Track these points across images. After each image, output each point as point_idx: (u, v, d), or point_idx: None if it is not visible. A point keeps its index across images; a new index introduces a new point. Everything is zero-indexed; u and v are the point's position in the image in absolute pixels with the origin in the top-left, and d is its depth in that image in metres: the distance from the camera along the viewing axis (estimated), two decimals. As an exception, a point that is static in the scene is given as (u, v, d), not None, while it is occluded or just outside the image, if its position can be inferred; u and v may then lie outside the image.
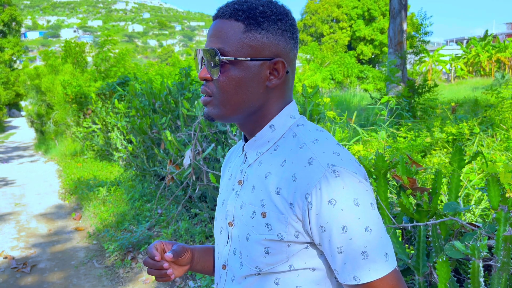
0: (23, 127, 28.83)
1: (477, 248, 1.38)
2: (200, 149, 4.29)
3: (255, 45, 0.89)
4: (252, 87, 0.91)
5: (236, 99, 0.92)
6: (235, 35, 0.89)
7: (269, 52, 0.90)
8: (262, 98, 0.93)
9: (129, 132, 6.99)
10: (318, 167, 0.85)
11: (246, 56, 0.89)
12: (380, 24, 41.13)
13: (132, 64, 15.79)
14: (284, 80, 0.95)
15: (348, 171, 0.85)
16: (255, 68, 0.90)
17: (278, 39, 0.91)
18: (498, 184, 1.49)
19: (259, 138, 0.96)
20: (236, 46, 0.89)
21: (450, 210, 1.61)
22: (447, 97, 11.67)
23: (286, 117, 0.96)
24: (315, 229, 0.85)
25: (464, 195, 2.85)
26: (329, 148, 0.89)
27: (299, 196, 0.86)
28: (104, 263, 4.35)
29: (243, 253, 0.94)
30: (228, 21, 0.90)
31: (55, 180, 9.02)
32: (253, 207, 0.92)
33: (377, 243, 0.83)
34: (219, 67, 0.90)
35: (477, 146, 4.22)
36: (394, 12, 8.95)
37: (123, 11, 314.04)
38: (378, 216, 0.87)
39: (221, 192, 1.09)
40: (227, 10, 0.91)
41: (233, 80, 0.90)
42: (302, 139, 0.92)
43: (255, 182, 0.95)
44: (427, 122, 6.10)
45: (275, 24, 0.91)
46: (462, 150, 1.78)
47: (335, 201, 0.83)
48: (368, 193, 0.86)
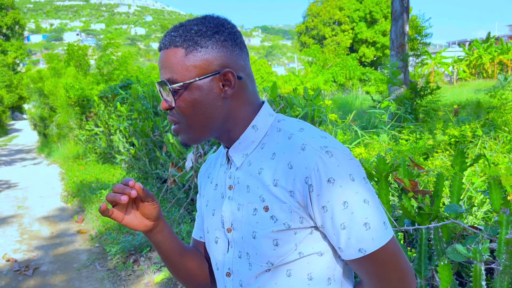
0: (26, 130, 28.92)
1: (479, 251, 1.38)
2: (202, 152, 4.29)
3: (200, 65, 0.92)
4: (210, 104, 0.94)
5: (200, 119, 0.95)
6: (178, 61, 0.93)
7: (215, 66, 0.93)
8: (224, 110, 0.95)
9: (131, 135, 7.00)
10: (312, 150, 0.89)
11: (194, 77, 0.92)
12: (382, 27, 41.11)
13: (134, 67, 15.82)
14: (240, 86, 0.96)
15: (339, 150, 0.90)
16: (206, 86, 0.93)
17: (220, 51, 0.93)
18: (500, 187, 1.49)
19: (244, 140, 0.98)
20: (182, 71, 0.92)
21: (451, 212, 1.61)
22: (449, 99, 11.64)
23: (265, 116, 0.99)
24: (317, 210, 0.89)
25: (466, 198, 2.84)
26: (316, 133, 0.94)
27: (299, 181, 0.89)
28: (106, 265, 4.35)
29: (251, 253, 0.95)
30: (170, 50, 0.94)
31: (57, 183, 9.04)
32: (253, 204, 0.94)
33: (375, 213, 0.88)
34: (172, 96, 0.93)
35: (479, 148, 4.20)
36: (396, 14, 8.95)
37: (125, 14, 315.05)
38: (372, 189, 0.91)
39: (208, 204, 1.08)
40: (166, 40, 0.95)
41: (190, 103, 0.93)
42: (288, 131, 0.96)
43: (248, 181, 0.96)
44: (430, 125, 6.08)
45: (212, 38, 0.93)
46: (464, 153, 1.77)
47: (334, 179, 0.86)
48: (360, 168, 0.91)
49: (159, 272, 3.93)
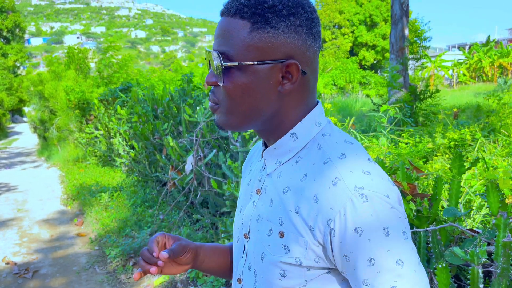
0: (26, 133, 28.95)
1: (476, 254, 1.38)
2: (202, 155, 4.30)
3: (263, 47, 0.79)
4: (262, 94, 0.81)
5: (244, 107, 0.82)
6: (239, 36, 0.79)
7: (280, 53, 0.79)
8: (275, 105, 0.83)
9: (131, 138, 7.02)
10: (343, 189, 0.75)
11: (252, 60, 0.79)
12: (382, 30, 41.23)
13: (134, 70, 15.86)
14: (301, 83, 0.83)
15: (378, 194, 0.75)
16: (264, 73, 0.80)
17: (291, 37, 0.79)
18: (497, 190, 1.50)
19: (279, 147, 0.87)
20: (241, 48, 0.79)
21: (449, 215, 1.62)
22: (449, 103, 11.67)
23: (310, 125, 0.85)
24: (338, 257, 0.77)
25: (465, 201, 2.84)
26: (357, 165, 0.78)
27: (321, 221, 0.77)
28: (106, 269, 4.35)
29: (258, 272, 0.87)
30: (233, 20, 0.80)
31: (57, 185, 9.05)
32: (270, 223, 0.84)
33: (409, 279, 0.73)
34: (223, 73, 0.81)
35: (478, 151, 4.21)
36: (396, 18, 8.98)
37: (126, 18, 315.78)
38: (412, 247, 0.76)
39: (240, 196, 1.00)
40: (233, 6, 0.81)
41: (240, 87, 0.81)
42: (327, 153, 0.81)
43: (273, 195, 0.86)
44: (429, 128, 6.10)
45: (286, 20, 0.79)
46: (462, 156, 1.78)
47: (362, 230, 0.73)
48: (401, 220, 0.76)
49: (159, 276, 3.93)
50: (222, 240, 3.78)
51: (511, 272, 1.48)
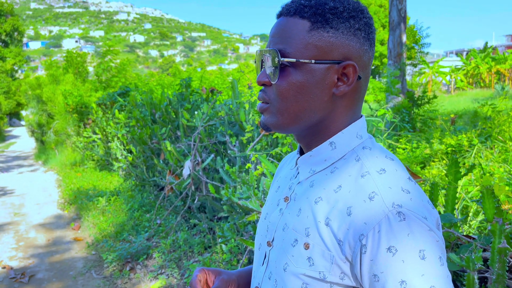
0: (24, 136, 28.90)
1: (472, 260, 1.39)
2: (200, 160, 4.31)
3: (322, 46, 0.78)
4: (316, 94, 0.79)
5: (296, 107, 0.80)
6: (299, 34, 0.78)
7: (338, 54, 0.78)
8: (327, 108, 0.81)
9: (129, 142, 7.02)
10: (380, 205, 0.72)
11: (310, 58, 0.78)
12: (380, 36, 41.42)
13: (133, 74, 15.86)
14: (355, 87, 0.81)
15: (417, 215, 0.71)
16: (320, 72, 0.78)
17: (350, 39, 0.79)
18: (493, 197, 1.51)
19: (316, 155, 0.84)
20: (300, 46, 0.78)
21: (445, 221, 1.62)
22: (447, 109, 11.71)
23: (351, 136, 0.83)
24: (366, 276, 0.72)
25: (462, 207, 2.85)
26: (397, 182, 0.75)
27: (352, 235, 0.73)
28: (103, 273, 4.34)
29: (278, 282, 0.83)
30: (292, 19, 0.79)
31: (54, 190, 9.03)
32: (296, 233, 0.81)
33: None
34: (278, 70, 0.79)
35: (474, 157, 4.23)
36: (394, 24, 9.03)
37: (125, 22, 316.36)
38: (448, 275, 0.71)
39: (267, 203, 0.98)
40: (292, 6, 0.80)
41: (294, 86, 0.79)
42: (366, 166, 0.78)
43: (302, 204, 0.83)
44: (427, 134, 6.12)
45: (346, 22, 0.78)
46: (458, 163, 1.79)
47: (396, 250, 0.69)
48: (438, 245, 0.72)
49: (156, 280, 3.92)
50: (219, 245, 3.78)
51: (507, 278, 1.49)
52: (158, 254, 4.31)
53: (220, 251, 3.82)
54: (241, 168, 3.70)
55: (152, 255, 4.41)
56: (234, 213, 3.52)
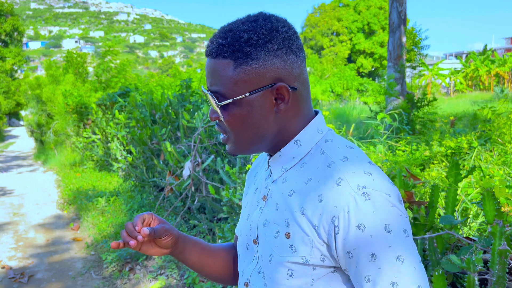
0: (23, 136, 28.88)
1: (472, 262, 1.39)
2: (200, 160, 4.31)
3: (250, 78, 0.84)
4: (261, 119, 0.86)
5: (248, 135, 0.88)
6: (226, 74, 0.85)
7: (267, 80, 0.84)
8: (276, 125, 0.88)
9: (129, 143, 7.02)
10: (346, 188, 0.79)
11: (244, 93, 0.84)
12: (379, 38, 41.47)
13: (133, 75, 15.86)
14: (294, 98, 0.87)
15: (380, 193, 0.79)
16: (257, 101, 0.85)
17: (273, 62, 0.84)
18: (493, 199, 1.51)
19: (284, 154, 0.91)
20: (231, 85, 0.85)
21: (445, 223, 1.63)
22: (446, 111, 11.73)
23: (312, 132, 0.90)
24: (341, 254, 0.80)
25: (462, 209, 2.86)
26: (359, 167, 0.83)
27: (325, 219, 0.80)
28: (102, 274, 4.34)
29: (266, 274, 0.90)
30: (217, 60, 0.86)
31: (54, 190, 9.02)
32: (277, 226, 0.88)
33: (409, 275, 0.76)
34: (220, 110, 0.87)
35: (474, 160, 4.23)
36: (394, 26, 9.04)
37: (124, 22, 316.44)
38: (413, 245, 0.80)
39: (246, 205, 1.04)
40: (213, 48, 0.86)
41: (239, 119, 0.86)
42: (330, 157, 0.86)
43: (279, 199, 0.90)
44: (426, 136, 6.13)
45: (265, 48, 0.83)
46: (459, 165, 1.80)
47: (364, 227, 0.77)
48: (401, 218, 0.79)
49: (155, 281, 3.92)
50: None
51: (507, 280, 1.49)
52: (158, 254, 4.31)
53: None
54: (241, 169, 3.71)
55: (151, 256, 4.41)
56: (234, 214, 3.52)
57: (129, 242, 0.94)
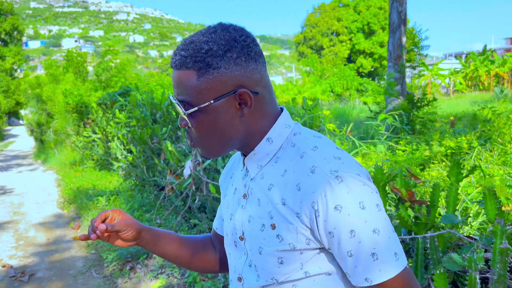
0: (23, 135, 28.87)
1: (474, 260, 1.40)
2: (200, 160, 4.32)
3: (213, 87, 0.89)
4: (227, 124, 0.92)
5: (216, 139, 0.94)
6: (191, 84, 0.90)
7: (229, 87, 0.90)
8: (242, 127, 0.94)
9: (129, 142, 7.02)
10: (321, 174, 0.86)
11: (208, 100, 0.90)
12: (379, 38, 41.45)
13: (132, 74, 15.87)
14: (257, 101, 0.93)
15: (351, 174, 0.86)
16: (222, 107, 0.91)
17: (233, 70, 0.90)
18: (494, 198, 1.52)
19: (258, 152, 0.97)
20: (196, 94, 0.90)
21: (447, 222, 1.64)
22: (446, 111, 11.74)
23: (281, 128, 0.96)
24: (324, 235, 0.87)
25: (462, 209, 2.87)
26: (329, 153, 0.90)
27: (306, 205, 0.87)
28: (103, 273, 4.35)
29: (258, 266, 0.96)
30: (181, 72, 0.91)
31: (54, 189, 9.03)
32: (262, 219, 0.93)
33: (385, 244, 0.85)
34: (188, 118, 0.93)
35: (475, 160, 4.24)
36: (394, 26, 9.05)
37: (124, 22, 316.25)
38: (385, 217, 0.87)
39: (228, 206, 1.08)
40: (177, 60, 0.92)
41: (206, 125, 0.92)
42: (301, 148, 0.93)
43: (259, 195, 0.95)
44: (426, 136, 6.14)
45: (224, 57, 0.89)
46: (460, 164, 1.81)
47: (341, 207, 0.84)
48: (373, 195, 0.87)
49: (156, 280, 3.92)
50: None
51: (508, 279, 1.51)
52: (158, 253, 4.32)
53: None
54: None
55: (152, 255, 4.42)
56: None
57: (90, 236, 1.05)
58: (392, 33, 9.08)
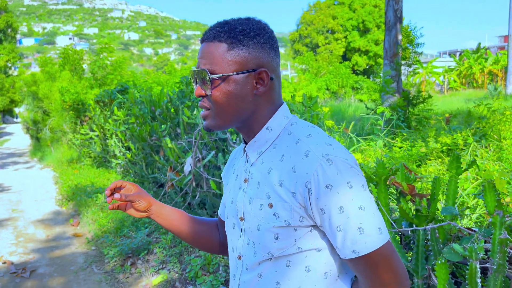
0: (18, 133, 28.72)
1: (474, 250, 1.46)
2: (200, 156, 4.36)
3: (239, 61, 1.01)
4: (242, 97, 1.03)
5: (230, 109, 1.04)
6: (220, 55, 1.01)
7: (252, 65, 1.02)
8: (253, 105, 1.05)
9: (128, 139, 7.04)
10: (314, 157, 0.97)
11: (232, 71, 1.01)
12: (374, 36, 41.56)
13: (128, 72, 15.85)
14: (270, 86, 1.06)
15: (340, 158, 0.96)
16: (242, 81, 1.02)
17: (259, 52, 1.03)
18: (494, 190, 1.58)
19: (258, 139, 1.08)
20: (223, 64, 1.01)
21: (447, 214, 1.69)
22: (440, 108, 11.81)
23: (280, 118, 1.08)
24: (316, 212, 0.97)
25: (459, 204, 2.93)
26: (321, 140, 1.01)
27: (300, 185, 0.97)
28: (104, 268, 4.38)
29: (256, 242, 1.06)
30: (213, 43, 1.03)
31: (51, 186, 9.03)
32: (260, 200, 1.04)
33: (370, 220, 0.95)
34: (210, 84, 1.02)
35: (470, 156, 4.31)
36: (390, 24, 9.11)
37: (119, 19, 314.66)
38: (370, 196, 0.98)
39: (229, 192, 1.19)
40: (211, 33, 1.03)
41: (225, 93, 1.02)
42: (297, 136, 1.04)
43: (259, 178, 1.06)
44: (422, 133, 6.20)
45: (254, 39, 1.02)
46: (459, 158, 1.86)
47: (331, 186, 0.94)
48: (359, 176, 0.97)
49: (157, 275, 3.96)
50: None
51: (507, 269, 1.56)
52: (159, 249, 4.36)
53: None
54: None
55: (153, 251, 4.46)
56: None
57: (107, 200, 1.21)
58: (388, 31, 9.14)
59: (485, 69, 31.57)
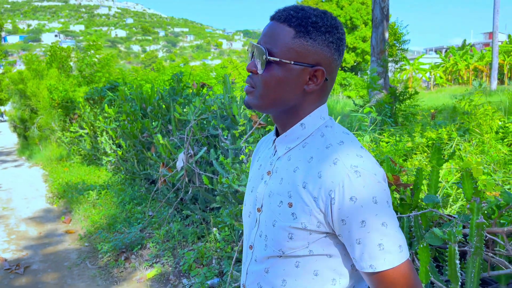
0: (4, 132, 28.37)
1: (453, 234, 1.57)
2: (192, 152, 4.44)
3: (301, 51, 0.98)
4: (291, 88, 1.00)
5: (274, 95, 1.01)
6: (284, 39, 0.98)
7: (312, 60, 0.99)
8: (298, 99, 1.02)
9: (118, 137, 7.08)
10: (342, 167, 0.95)
11: (290, 60, 0.98)
12: (362, 33, 41.86)
13: (116, 70, 15.78)
14: (322, 87, 1.03)
15: (369, 172, 0.95)
16: (296, 71, 0.99)
17: (323, 49, 0.99)
18: (471, 178, 1.70)
19: (290, 134, 1.06)
20: (284, 49, 0.98)
21: (429, 202, 1.81)
22: (427, 104, 12.02)
23: (316, 118, 1.05)
24: (336, 221, 0.96)
25: (443, 195, 3.06)
26: (353, 150, 0.98)
27: (324, 192, 0.96)
28: (97, 264, 4.44)
29: (269, 236, 1.05)
30: (282, 25, 0.99)
31: (41, 184, 9.01)
32: (281, 197, 1.03)
33: (392, 237, 0.94)
34: (265, 64, 1.00)
35: (454, 149, 4.46)
36: (377, 21, 9.26)
37: (106, 16, 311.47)
38: (393, 213, 0.97)
39: (250, 179, 1.19)
40: (283, 14, 1.00)
41: (275, 78, 0.99)
42: (329, 140, 1.02)
43: (283, 174, 1.05)
44: (408, 128, 6.35)
45: (323, 35, 0.98)
46: (441, 150, 1.98)
47: (356, 198, 0.93)
48: (385, 193, 0.96)
49: (151, 269, 4.04)
50: (213, 234, 3.92)
51: (484, 251, 1.68)
52: (153, 244, 4.43)
53: (213, 240, 3.97)
54: (234, 160, 3.85)
55: (146, 245, 4.53)
56: (226, 203, 3.67)
57: None
58: (375, 28, 9.29)
59: (471, 66, 32.05)
